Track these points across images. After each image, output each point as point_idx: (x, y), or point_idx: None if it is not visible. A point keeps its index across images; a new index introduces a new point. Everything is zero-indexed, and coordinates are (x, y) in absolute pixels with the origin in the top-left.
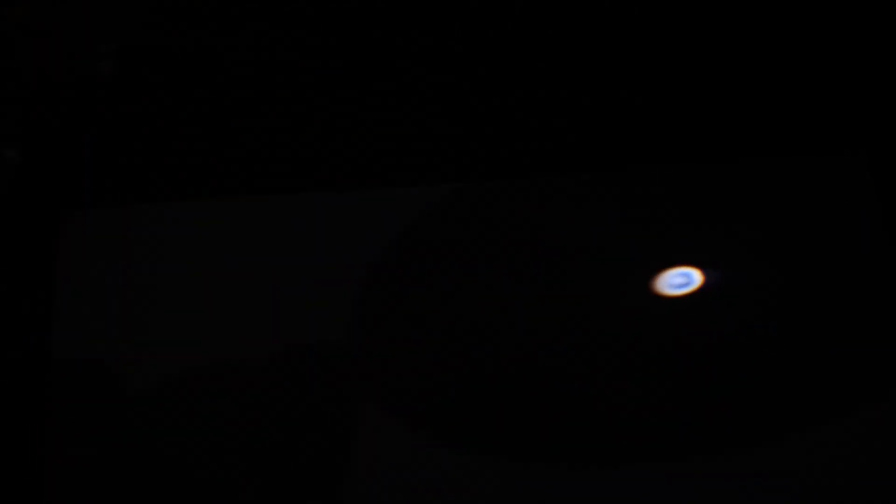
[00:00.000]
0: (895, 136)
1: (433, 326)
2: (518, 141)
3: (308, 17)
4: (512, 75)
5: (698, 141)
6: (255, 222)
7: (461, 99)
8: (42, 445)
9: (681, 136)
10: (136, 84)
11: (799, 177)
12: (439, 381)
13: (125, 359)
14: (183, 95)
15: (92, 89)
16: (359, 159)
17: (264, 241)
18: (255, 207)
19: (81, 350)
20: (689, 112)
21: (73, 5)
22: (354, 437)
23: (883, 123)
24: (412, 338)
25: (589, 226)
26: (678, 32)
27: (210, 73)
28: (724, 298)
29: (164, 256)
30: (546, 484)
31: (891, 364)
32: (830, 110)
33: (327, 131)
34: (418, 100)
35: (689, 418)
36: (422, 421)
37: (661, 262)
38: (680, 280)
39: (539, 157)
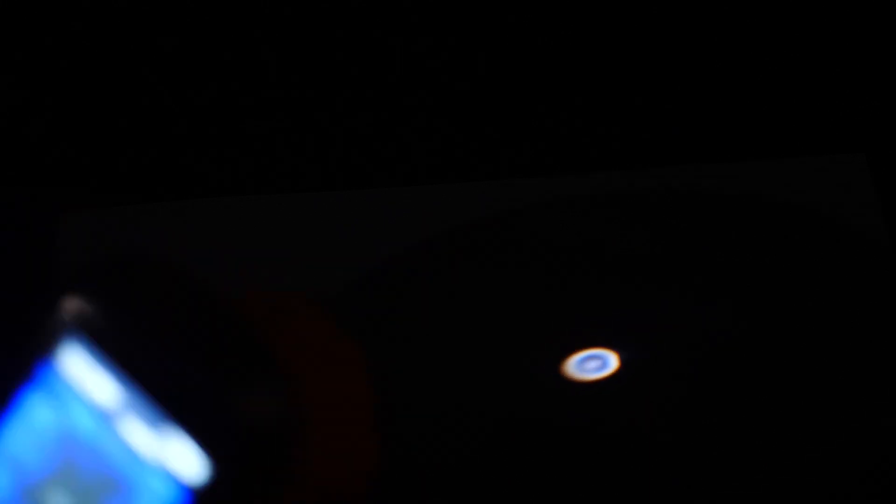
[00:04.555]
0: (895, 137)
1: None
2: (518, 141)
3: (307, 16)
4: (512, 75)
5: (697, 141)
6: (255, 222)
7: (460, 99)
8: None
9: (680, 137)
10: (136, 84)
11: (799, 177)
12: None
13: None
14: (183, 95)
15: (91, 88)
16: (359, 159)
17: (265, 240)
18: (256, 207)
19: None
20: (688, 113)
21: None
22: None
23: (883, 124)
24: None
25: (581, 230)
26: (677, 33)
27: (210, 73)
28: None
29: (164, 256)
30: None
31: (891, 365)
32: (831, 111)
33: (327, 131)
34: (418, 100)
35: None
36: None
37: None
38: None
39: (536, 158)
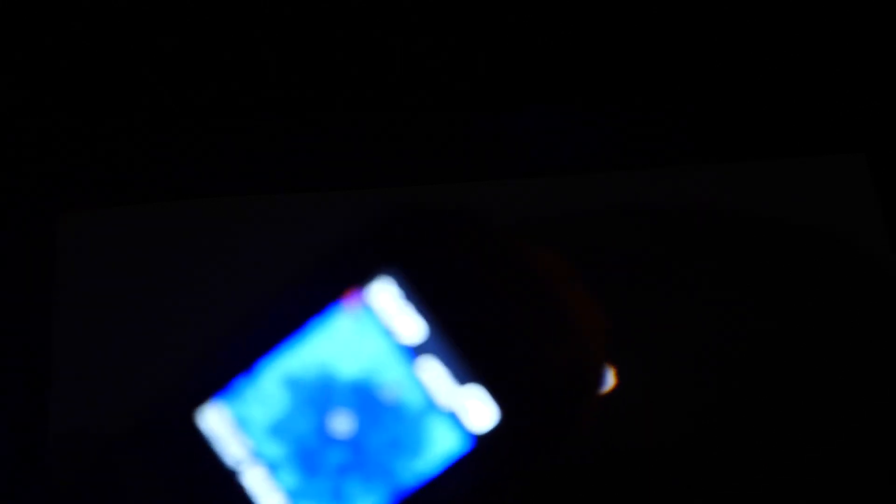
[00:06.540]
0: (895, 137)
1: None
2: (518, 141)
3: (307, 16)
4: (512, 75)
5: (697, 141)
6: (255, 222)
7: (460, 99)
8: (43, 446)
9: (680, 137)
10: (136, 84)
11: (799, 177)
12: None
13: (125, 359)
14: (183, 95)
15: (91, 88)
16: (357, 159)
17: (265, 240)
18: (256, 207)
19: (81, 351)
20: (688, 113)
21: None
22: None
23: (883, 124)
24: None
25: (577, 231)
26: (677, 33)
27: (211, 73)
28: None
29: (164, 256)
30: None
31: (891, 366)
32: (831, 111)
33: (327, 131)
34: (418, 100)
35: None
36: None
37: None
38: None
39: (536, 158)
